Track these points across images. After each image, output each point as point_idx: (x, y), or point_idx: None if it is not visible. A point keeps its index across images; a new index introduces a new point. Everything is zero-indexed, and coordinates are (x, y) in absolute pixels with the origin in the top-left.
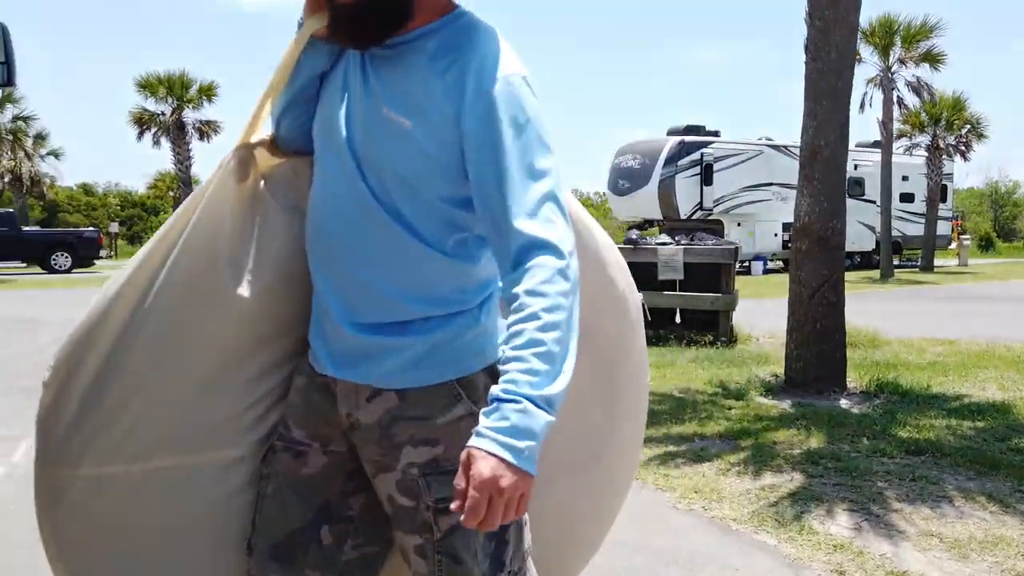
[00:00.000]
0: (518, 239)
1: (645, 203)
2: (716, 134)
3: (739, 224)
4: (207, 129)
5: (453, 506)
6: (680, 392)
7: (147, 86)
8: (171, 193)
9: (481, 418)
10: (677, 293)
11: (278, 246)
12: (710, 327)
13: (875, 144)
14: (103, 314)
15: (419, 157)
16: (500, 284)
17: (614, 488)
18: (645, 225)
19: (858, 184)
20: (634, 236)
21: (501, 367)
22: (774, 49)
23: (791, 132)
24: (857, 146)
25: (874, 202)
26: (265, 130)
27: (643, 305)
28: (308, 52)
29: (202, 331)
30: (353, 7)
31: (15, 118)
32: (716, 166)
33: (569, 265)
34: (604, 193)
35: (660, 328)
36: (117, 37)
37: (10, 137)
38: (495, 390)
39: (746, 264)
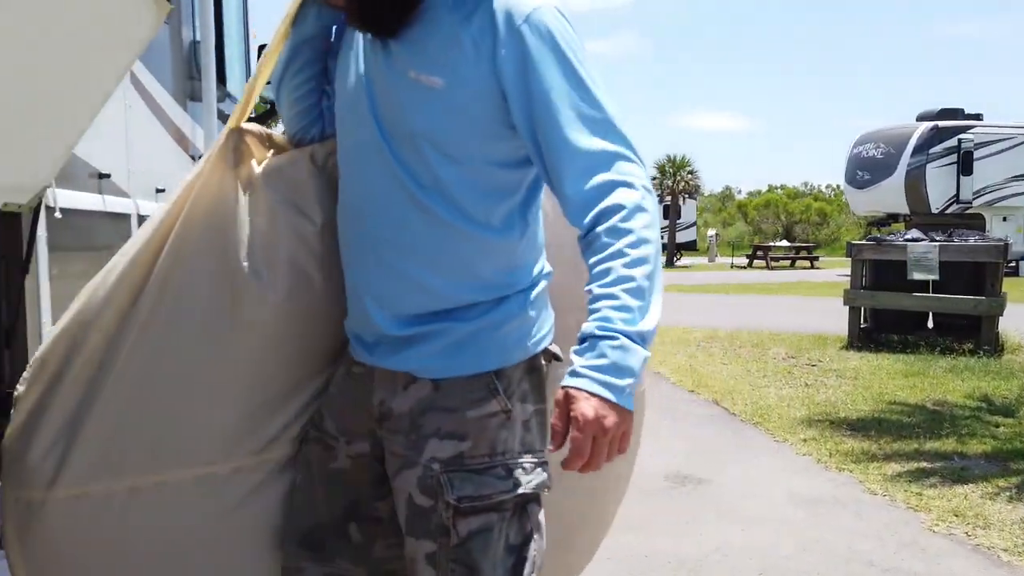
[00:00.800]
0: (587, 181)
1: (888, 196)
2: (977, 118)
3: (1004, 219)
4: None
5: (550, 447)
6: (934, 405)
7: None
8: None
9: (575, 357)
10: (930, 295)
11: (287, 245)
12: (970, 334)
13: None
14: (91, 316)
15: (455, 116)
16: (544, 268)
17: (612, 491)
18: (888, 220)
19: None
20: (875, 236)
21: (589, 306)
22: None
23: None
24: None
25: None
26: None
27: None
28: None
29: (205, 338)
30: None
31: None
32: (977, 153)
33: (645, 197)
34: (839, 186)
35: (908, 333)
36: None
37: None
38: (587, 327)
39: (1012, 264)
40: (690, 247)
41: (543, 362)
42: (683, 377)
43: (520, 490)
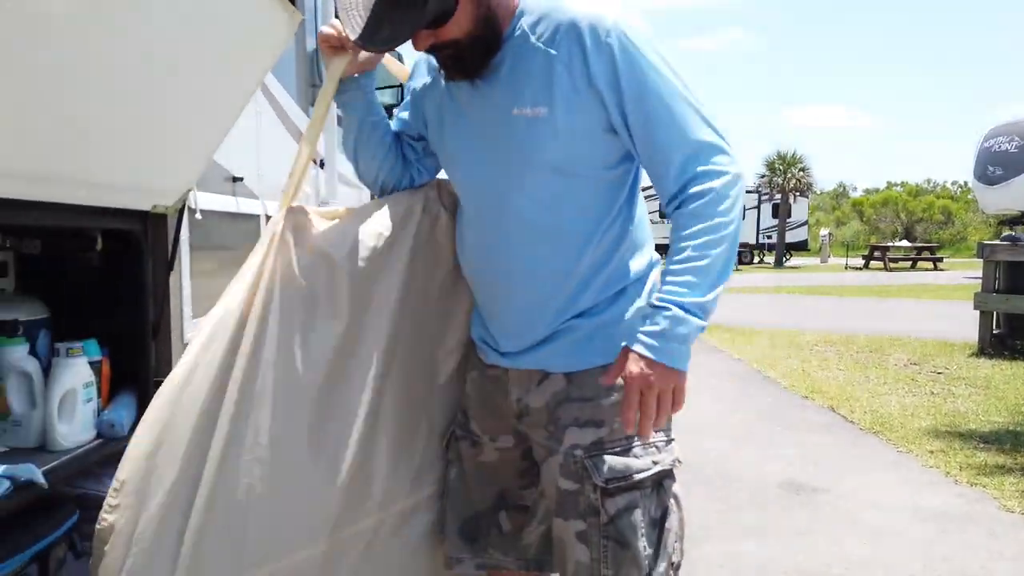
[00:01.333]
0: (677, 167)
1: None
2: None
3: None
4: None
5: (601, 379)
6: None
7: None
8: None
9: (640, 324)
10: None
11: (369, 310)
12: None
13: None
14: (175, 427)
15: (566, 136)
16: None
17: None
18: (1022, 219)
19: None
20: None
21: (663, 278)
22: None
23: None
24: None
25: None
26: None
27: None
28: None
29: (302, 425)
30: (451, 54)
31: None
32: None
33: (727, 183)
34: (966, 183)
35: None
36: None
37: None
38: (654, 298)
39: None
40: (801, 247)
41: None
42: (795, 382)
43: (659, 467)
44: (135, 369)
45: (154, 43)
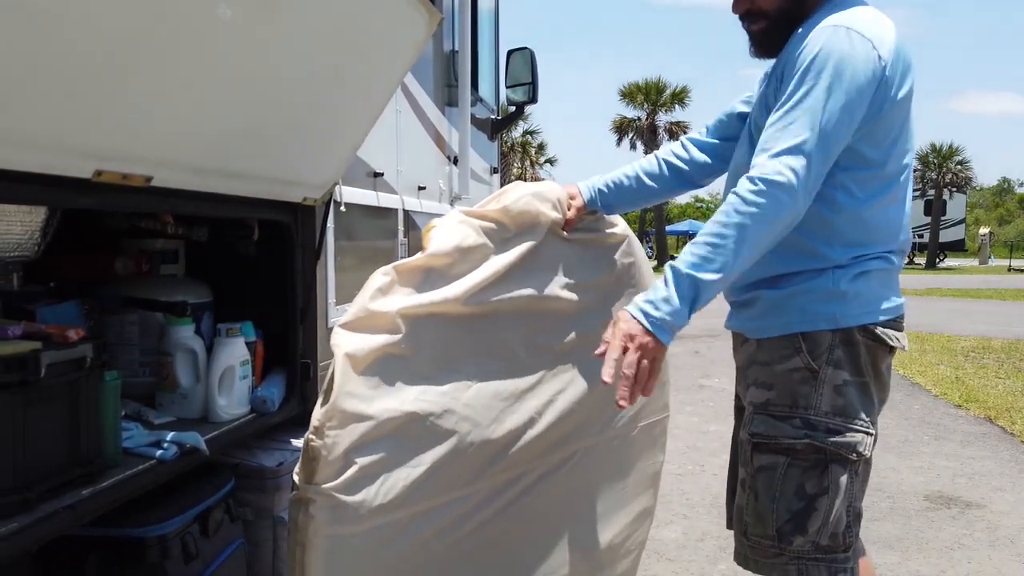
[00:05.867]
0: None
1: None
2: None
3: None
4: (677, 130)
5: (596, 352)
6: None
7: (628, 95)
8: None
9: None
10: None
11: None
12: None
13: None
14: None
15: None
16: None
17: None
18: None
19: None
20: None
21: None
22: None
23: None
24: None
25: None
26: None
27: None
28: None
29: None
30: (760, 28)
31: (524, 132)
32: None
33: (759, 190)
34: None
35: None
36: (599, 50)
37: (520, 149)
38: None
39: None
40: (957, 247)
41: (861, 338)
42: (947, 390)
43: (809, 440)
44: (284, 351)
45: (305, 48)
